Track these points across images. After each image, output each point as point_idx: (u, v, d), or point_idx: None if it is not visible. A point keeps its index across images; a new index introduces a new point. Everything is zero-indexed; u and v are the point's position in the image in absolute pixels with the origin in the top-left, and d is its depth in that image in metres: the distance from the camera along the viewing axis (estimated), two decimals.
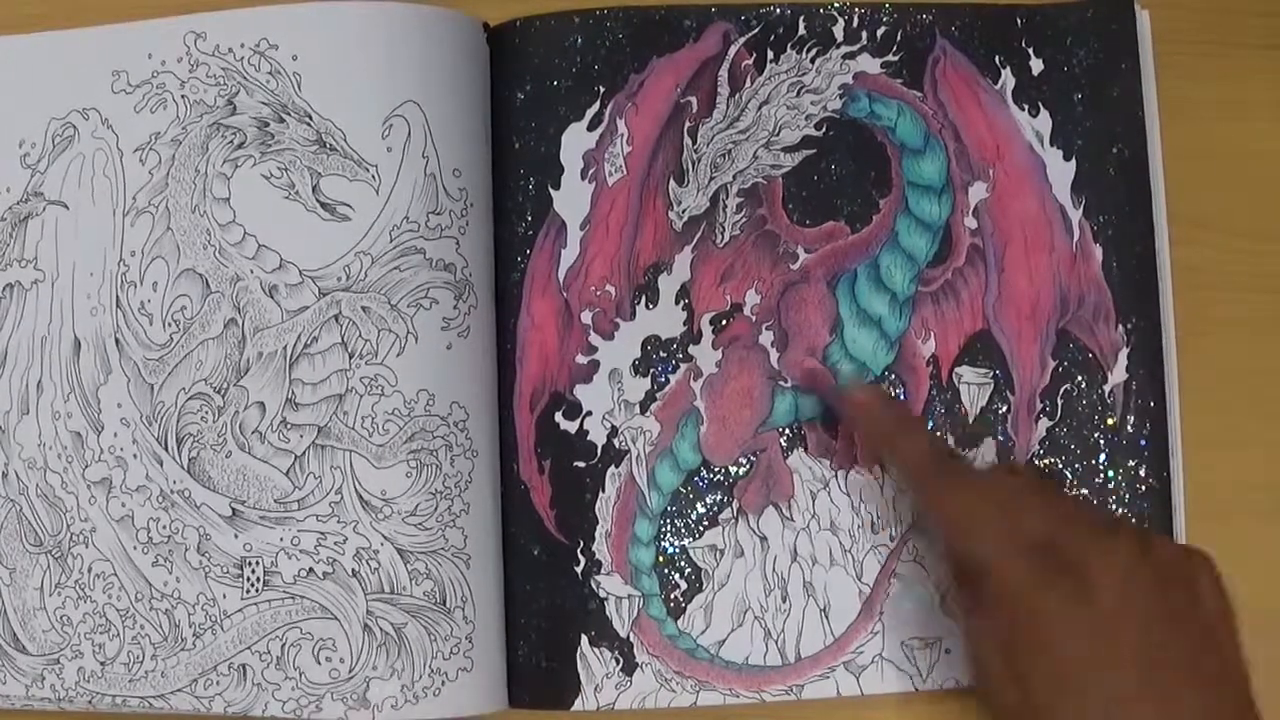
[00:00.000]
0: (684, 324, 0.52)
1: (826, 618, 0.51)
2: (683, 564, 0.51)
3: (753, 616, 0.51)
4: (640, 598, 0.51)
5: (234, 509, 0.49)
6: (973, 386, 0.52)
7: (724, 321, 0.52)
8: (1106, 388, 0.52)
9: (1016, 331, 0.52)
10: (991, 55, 0.53)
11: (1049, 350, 0.52)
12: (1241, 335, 0.55)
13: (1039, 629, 0.43)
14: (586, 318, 0.52)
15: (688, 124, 0.52)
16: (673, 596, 0.51)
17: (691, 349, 0.52)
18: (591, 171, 0.52)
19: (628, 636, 0.51)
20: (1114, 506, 0.52)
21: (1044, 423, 0.52)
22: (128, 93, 0.51)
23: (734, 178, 0.52)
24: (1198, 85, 0.55)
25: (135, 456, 0.50)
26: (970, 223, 0.52)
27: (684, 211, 0.52)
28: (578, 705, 0.50)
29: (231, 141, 0.50)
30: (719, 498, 0.51)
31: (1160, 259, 0.53)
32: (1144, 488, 0.52)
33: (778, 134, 0.52)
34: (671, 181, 0.52)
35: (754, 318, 0.52)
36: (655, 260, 0.52)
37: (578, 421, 0.51)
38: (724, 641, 0.51)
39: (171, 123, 0.51)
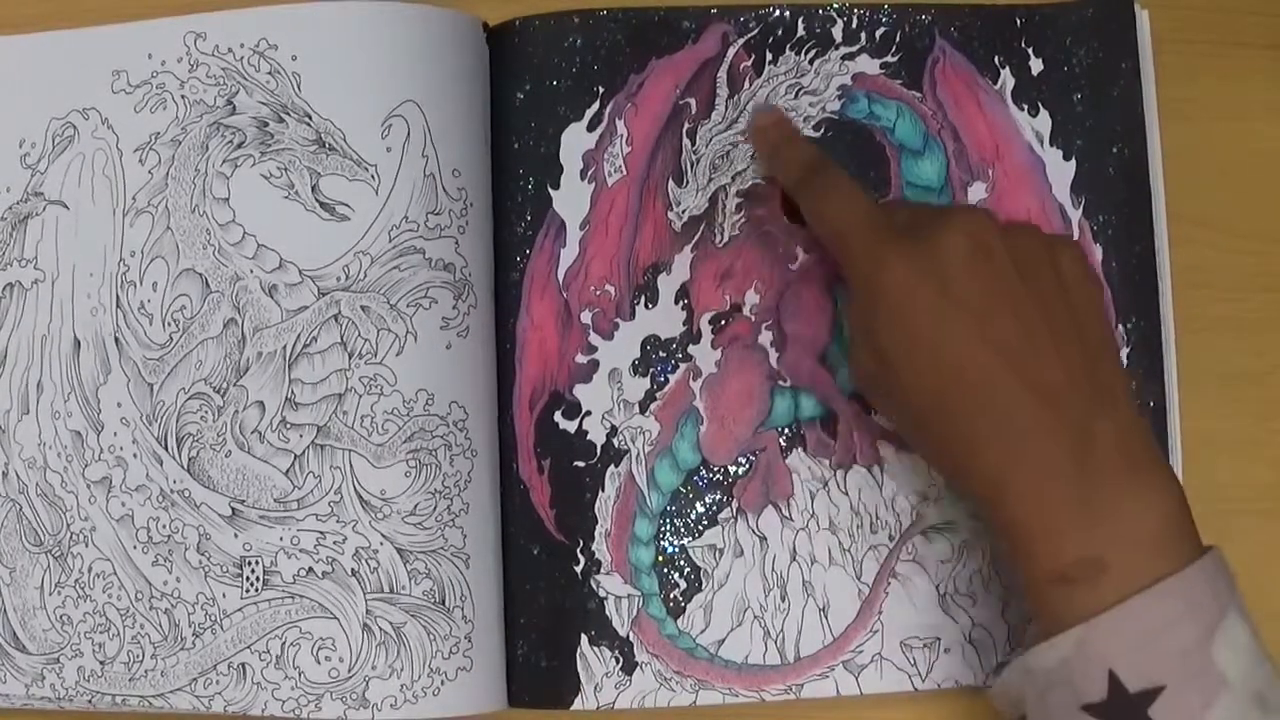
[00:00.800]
0: (683, 324, 0.52)
1: (826, 617, 0.51)
2: (682, 563, 0.51)
3: (752, 616, 0.51)
4: (640, 597, 0.51)
5: (234, 508, 0.49)
6: None
7: (723, 321, 0.52)
8: None
9: None
10: (991, 55, 0.53)
11: None
12: (1242, 335, 0.55)
13: (886, 292, 0.44)
14: (586, 317, 0.52)
15: (687, 125, 0.52)
16: (672, 596, 0.51)
17: (691, 349, 0.52)
18: (591, 172, 0.52)
19: (627, 636, 0.51)
20: None
21: None
22: (128, 93, 0.51)
23: (733, 179, 0.52)
24: (1198, 85, 0.55)
25: (135, 456, 0.50)
26: None
27: (683, 212, 0.52)
28: (577, 704, 0.50)
29: (231, 141, 0.50)
30: (718, 497, 0.51)
31: (1160, 258, 0.53)
32: None
33: None
34: (671, 182, 0.52)
35: (753, 318, 0.52)
36: (655, 260, 0.52)
37: (577, 421, 0.51)
38: (723, 641, 0.51)
39: (171, 123, 0.51)
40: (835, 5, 0.53)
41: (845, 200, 0.47)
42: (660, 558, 0.51)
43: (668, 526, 0.51)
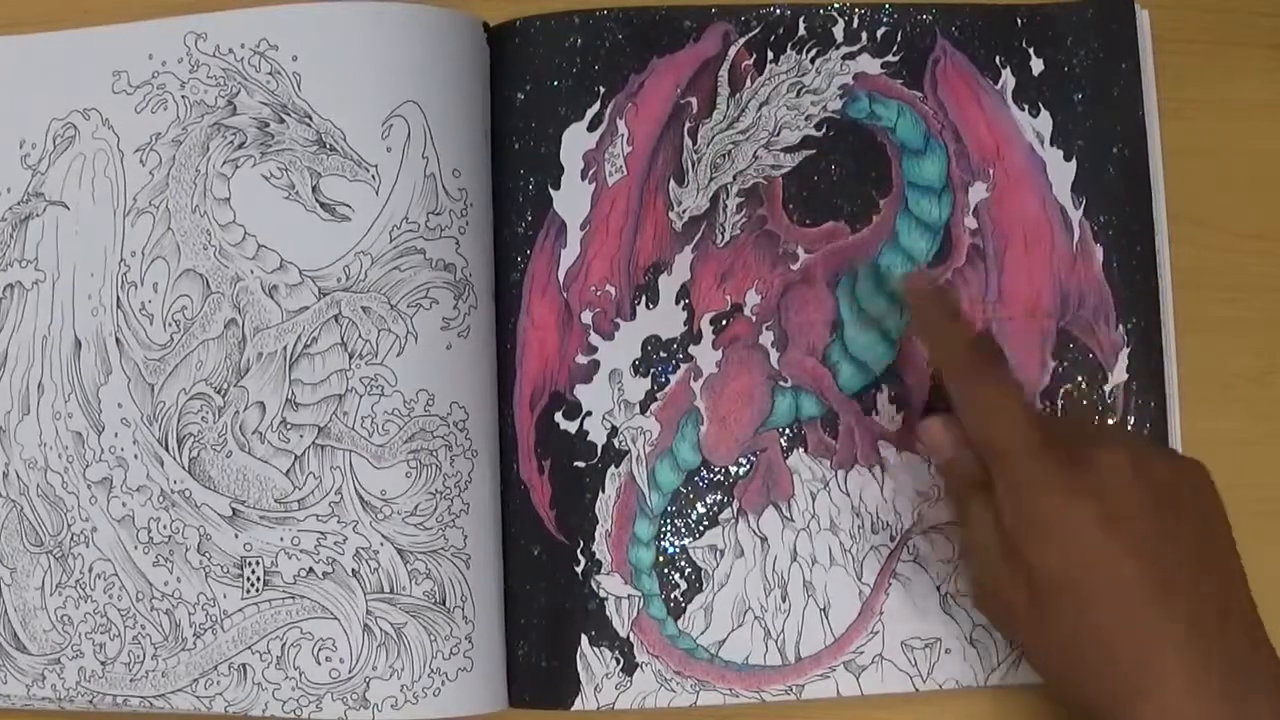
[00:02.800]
0: (684, 324, 0.52)
1: (826, 618, 0.51)
2: (683, 564, 0.51)
3: (753, 616, 0.51)
4: (640, 598, 0.51)
5: (234, 509, 0.49)
6: None
7: (724, 321, 0.52)
8: (1107, 388, 0.52)
9: (1017, 331, 0.52)
10: (992, 55, 0.53)
11: (1049, 350, 0.52)
12: (1242, 335, 0.55)
13: (1045, 517, 0.44)
14: (586, 318, 0.52)
15: (688, 124, 0.52)
16: (673, 596, 0.51)
17: (692, 349, 0.52)
18: (591, 172, 0.52)
19: (628, 636, 0.51)
20: None
21: None
22: (128, 93, 0.51)
23: (734, 178, 0.52)
24: (1198, 85, 0.55)
25: (136, 456, 0.50)
26: (970, 223, 0.52)
27: (684, 212, 0.52)
28: (578, 705, 0.50)
29: (232, 142, 0.50)
30: (719, 498, 0.51)
31: (1160, 259, 0.53)
32: None
33: (778, 134, 0.52)
34: (671, 182, 0.52)
35: (754, 318, 0.52)
36: (655, 260, 0.52)
37: (578, 421, 0.51)
38: (724, 641, 0.51)
39: (172, 123, 0.51)
40: (836, 4, 0.53)
41: (1008, 412, 0.45)
42: (661, 558, 0.51)
43: (668, 527, 0.51)
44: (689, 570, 0.51)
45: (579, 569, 0.51)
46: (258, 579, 0.49)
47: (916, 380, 0.52)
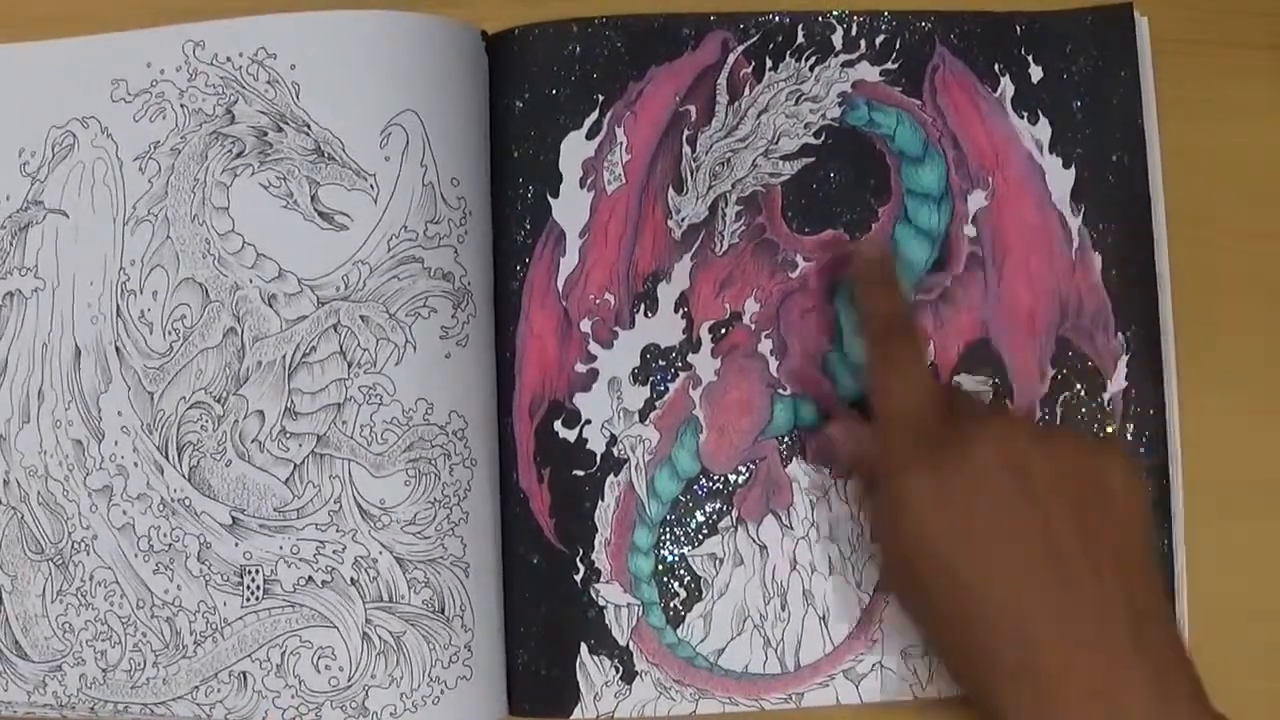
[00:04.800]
0: (683, 332, 0.52)
1: (826, 626, 0.51)
2: (682, 572, 0.51)
3: (752, 625, 0.51)
4: (639, 606, 0.51)
5: (234, 517, 0.50)
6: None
7: (723, 330, 0.52)
8: (1106, 396, 0.52)
9: (1016, 339, 0.52)
10: (991, 63, 0.53)
11: (1048, 358, 0.52)
12: (1242, 335, 0.54)
13: (907, 500, 0.43)
14: (586, 326, 0.52)
15: (686, 132, 0.52)
16: (672, 605, 0.51)
17: (690, 357, 0.52)
18: (590, 180, 0.52)
19: (627, 645, 0.51)
20: None
21: None
22: (127, 101, 0.51)
23: (733, 186, 0.52)
24: (1198, 85, 0.55)
25: (136, 465, 0.50)
26: (969, 231, 0.52)
27: (683, 220, 0.52)
28: (577, 713, 0.51)
29: (230, 150, 0.50)
30: (718, 506, 0.51)
31: (1159, 267, 0.52)
32: None
33: (776, 142, 0.52)
34: (670, 190, 0.52)
35: (753, 326, 0.52)
36: (654, 269, 0.52)
37: (577, 430, 0.51)
38: (723, 650, 0.51)
39: (170, 131, 0.51)
40: (835, 12, 0.53)
41: (906, 382, 0.46)
42: (660, 567, 0.51)
43: (667, 535, 0.51)
44: (688, 579, 0.51)
45: (578, 577, 0.51)
46: (258, 587, 0.49)
47: None
